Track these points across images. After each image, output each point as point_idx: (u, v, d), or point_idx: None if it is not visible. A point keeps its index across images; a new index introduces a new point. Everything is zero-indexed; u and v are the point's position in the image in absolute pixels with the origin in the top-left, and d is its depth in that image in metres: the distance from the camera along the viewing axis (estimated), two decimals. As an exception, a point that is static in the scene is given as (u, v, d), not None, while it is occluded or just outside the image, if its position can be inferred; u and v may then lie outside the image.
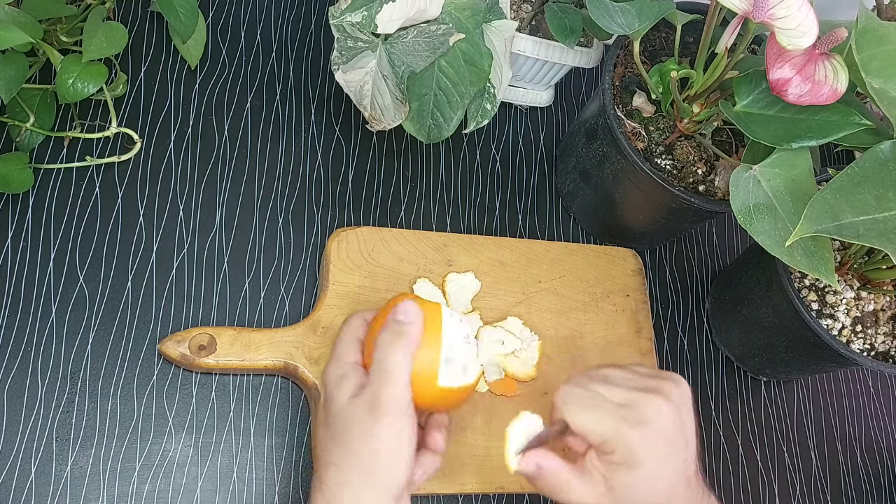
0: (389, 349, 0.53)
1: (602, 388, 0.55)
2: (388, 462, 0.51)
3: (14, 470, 0.57)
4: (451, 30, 0.63)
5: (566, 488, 0.54)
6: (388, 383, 0.52)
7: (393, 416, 0.51)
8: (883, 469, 0.79)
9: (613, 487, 0.53)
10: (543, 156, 0.81)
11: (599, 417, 0.53)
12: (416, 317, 0.54)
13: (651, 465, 0.53)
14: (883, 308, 0.68)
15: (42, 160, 0.66)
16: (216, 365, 0.61)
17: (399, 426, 0.52)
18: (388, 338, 0.53)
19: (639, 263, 0.77)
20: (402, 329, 0.54)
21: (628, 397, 0.54)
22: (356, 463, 0.51)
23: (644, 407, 0.54)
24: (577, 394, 0.55)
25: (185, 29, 0.69)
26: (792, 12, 0.51)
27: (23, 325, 0.61)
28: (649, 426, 0.53)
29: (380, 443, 0.51)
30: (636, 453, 0.52)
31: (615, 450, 0.53)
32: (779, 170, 0.57)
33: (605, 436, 0.53)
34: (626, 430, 0.52)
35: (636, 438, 0.52)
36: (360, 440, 0.52)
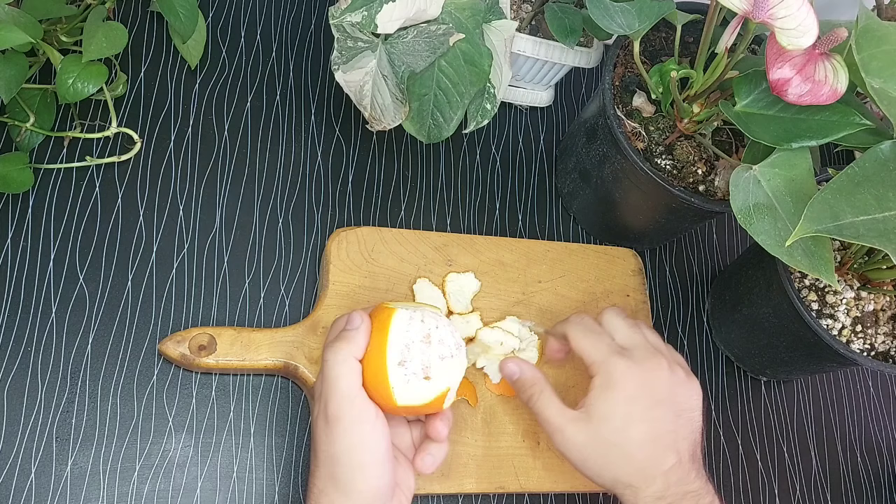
0: (330, 354, 0.53)
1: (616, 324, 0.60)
2: (350, 468, 0.52)
3: (14, 470, 0.57)
4: (451, 30, 0.63)
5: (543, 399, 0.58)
6: (334, 392, 0.52)
7: (346, 423, 0.52)
8: (883, 469, 0.79)
9: (589, 413, 0.56)
10: (543, 156, 0.81)
11: (595, 342, 0.58)
12: (361, 322, 0.54)
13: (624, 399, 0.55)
14: (883, 308, 0.68)
15: (42, 160, 0.66)
16: (216, 365, 0.61)
17: (357, 432, 0.52)
18: (329, 344, 0.54)
19: (639, 263, 0.77)
20: (344, 335, 0.54)
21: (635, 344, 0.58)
22: (325, 472, 0.52)
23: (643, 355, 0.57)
24: (588, 323, 0.60)
25: (185, 29, 0.69)
26: (792, 12, 0.51)
27: (23, 325, 0.61)
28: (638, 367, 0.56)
29: (338, 451, 0.52)
30: (614, 378, 0.56)
31: (598, 373, 0.56)
32: (779, 170, 0.57)
33: (594, 357, 0.57)
34: (614, 357, 0.57)
35: (618, 366, 0.56)
36: (325, 449, 0.52)
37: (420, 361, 0.54)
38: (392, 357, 0.53)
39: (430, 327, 0.55)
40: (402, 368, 0.53)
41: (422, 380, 0.54)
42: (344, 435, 0.52)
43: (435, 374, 0.54)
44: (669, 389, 0.57)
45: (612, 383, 0.56)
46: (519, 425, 0.66)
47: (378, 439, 0.52)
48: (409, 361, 0.54)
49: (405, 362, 0.54)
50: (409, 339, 0.54)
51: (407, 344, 0.54)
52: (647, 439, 0.55)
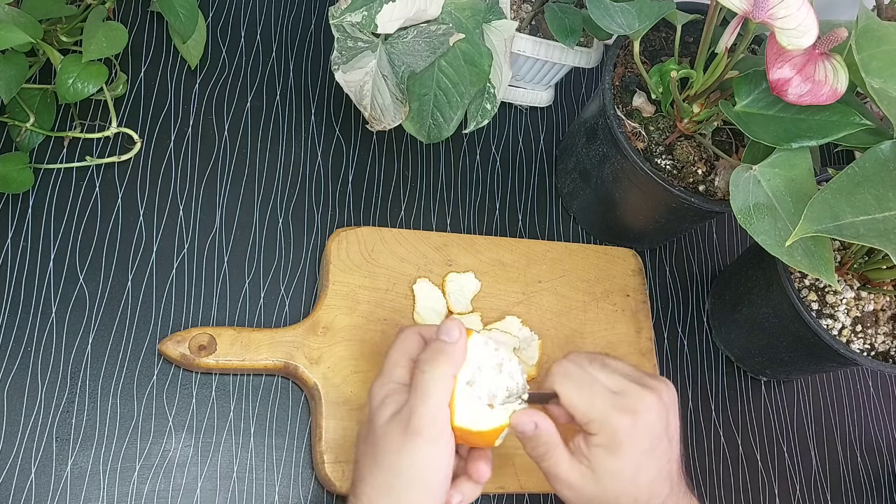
0: (428, 367, 0.51)
1: (599, 372, 0.56)
2: (410, 484, 0.50)
3: (14, 470, 0.57)
4: (451, 30, 0.63)
5: (555, 457, 0.55)
6: (424, 402, 0.50)
7: (425, 438, 0.50)
8: (883, 469, 0.79)
9: (595, 471, 0.54)
10: (543, 156, 0.81)
11: (591, 397, 0.54)
12: (460, 336, 0.53)
13: (633, 455, 0.53)
14: (883, 308, 0.68)
15: (42, 160, 0.66)
16: (216, 365, 0.61)
17: (431, 450, 0.50)
18: (428, 356, 0.52)
19: (639, 263, 0.77)
20: (443, 347, 0.52)
21: (622, 386, 0.55)
22: (383, 480, 0.51)
23: (636, 399, 0.54)
24: (574, 371, 0.55)
25: (185, 29, 0.69)
26: (792, 12, 0.51)
27: (23, 325, 0.61)
28: (637, 417, 0.54)
29: (408, 463, 0.50)
30: (620, 440, 0.53)
31: (599, 432, 0.53)
32: (779, 170, 0.57)
33: (592, 416, 0.54)
34: (614, 415, 0.53)
35: (622, 425, 0.53)
36: (390, 459, 0.50)
37: (488, 387, 0.52)
38: (462, 375, 0.52)
39: (503, 357, 0.54)
40: (470, 389, 0.52)
41: (484, 406, 0.52)
42: (419, 451, 0.50)
43: (499, 404, 0.53)
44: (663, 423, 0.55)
45: (617, 444, 0.53)
46: (519, 425, 0.66)
47: (447, 465, 0.51)
48: (478, 384, 0.52)
49: (474, 383, 0.52)
50: (482, 362, 0.53)
51: (479, 366, 0.53)
52: (647, 480, 0.54)
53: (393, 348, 0.56)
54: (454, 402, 0.51)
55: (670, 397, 0.56)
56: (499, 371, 0.53)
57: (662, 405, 0.55)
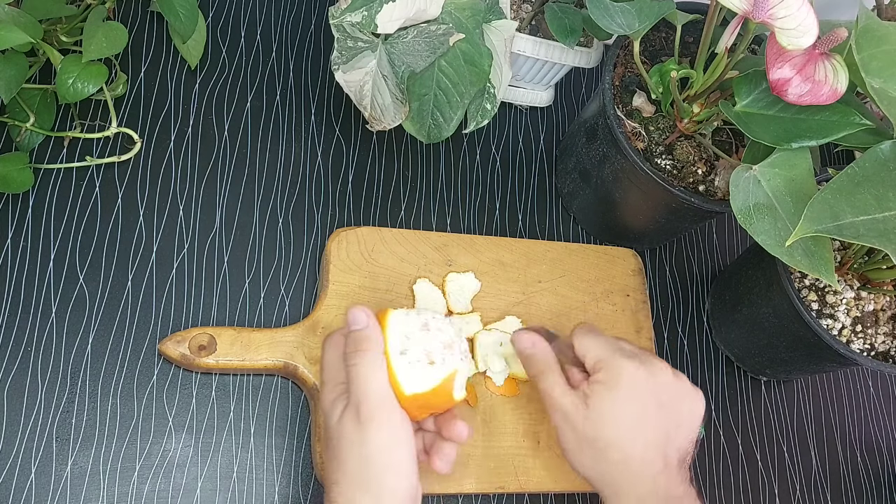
0: (354, 358, 0.53)
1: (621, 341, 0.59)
2: (382, 469, 0.51)
3: (14, 470, 0.57)
4: (451, 30, 0.63)
5: (551, 378, 0.58)
6: (364, 390, 0.52)
7: (378, 422, 0.51)
8: (883, 469, 0.79)
9: (589, 406, 0.56)
10: (543, 156, 0.81)
11: (602, 344, 0.58)
12: (368, 318, 0.54)
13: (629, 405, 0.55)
14: (883, 308, 0.68)
15: (42, 160, 0.66)
16: (216, 365, 0.61)
17: (388, 431, 0.51)
18: (350, 349, 0.54)
19: (639, 263, 0.77)
20: (357, 335, 0.54)
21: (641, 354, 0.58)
22: (352, 476, 0.51)
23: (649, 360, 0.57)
24: (596, 331, 0.60)
25: (185, 29, 0.69)
26: (792, 12, 0.51)
27: (23, 325, 0.61)
28: (646, 371, 0.56)
29: (370, 450, 0.51)
30: (621, 380, 0.55)
31: (603, 370, 0.56)
32: (779, 170, 0.57)
33: (600, 356, 0.57)
34: (619, 356, 0.56)
35: (625, 365, 0.56)
36: (351, 452, 0.51)
37: (422, 347, 0.54)
38: (393, 348, 0.54)
39: (426, 318, 0.56)
40: (405, 357, 0.54)
41: (426, 366, 0.54)
42: (377, 434, 0.51)
43: (438, 358, 0.54)
44: (673, 396, 0.57)
45: (617, 383, 0.55)
46: (519, 425, 0.66)
47: (409, 438, 0.52)
48: (411, 350, 0.54)
49: (407, 351, 0.54)
50: (408, 330, 0.55)
51: (406, 334, 0.54)
52: (642, 442, 0.55)
53: (324, 355, 0.57)
54: (395, 376, 0.53)
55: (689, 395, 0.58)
56: (427, 331, 0.55)
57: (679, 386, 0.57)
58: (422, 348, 0.54)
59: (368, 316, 0.54)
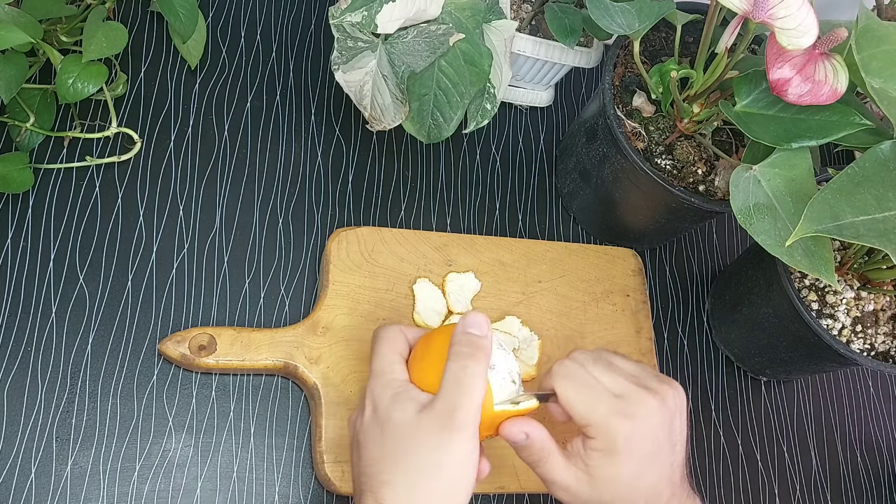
0: (467, 361, 0.50)
1: (602, 373, 0.55)
2: (453, 480, 0.49)
3: (14, 470, 0.57)
4: (451, 30, 0.63)
5: (549, 462, 0.54)
6: (469, 398, 0.49)
7: (468, 433, 0.49)
8: (883, 469, 0.79)
9: (592, 475, 0.53)
10: (543, 156, 0.81)
11: (590, 400, 0.53)
12: (489, 330, 0.52)
13: (631, 462, 0.52)
14: (883, 308, 0.68)
15: (42, 160, 0.66)
16: (216, 365, 0.61)
17: (472, 445, 0.49)
18: (466, 350, 0.51)
19: (639, 263, 0.77)
20: (478, 342, 0.51)
21: (624, 389, 0.54)
22: (422, 480, 0.49)
23: (638, 403, 0.53)
24: (575, 371, 0.54)
25: (185, 29, 0.69)
26: (792, 12, 0.51)
27: (23, 325, 0.61)
28: (638, 423, 0.52)
29: (449, 459, 0.48)
30: (618, 446, 0.52)
31: (598, 436, 0.52)
32: (779, 170, 0.57)
33: (591, 420, 0.52)
34: (613, 419, 0.52)
35: (621, 431, 0.52)
36: (429, 456, 0.49)
37: (505, 366, 0.53)
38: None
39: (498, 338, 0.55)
40: (494, 372, 0.52)
41: (510, 384, 0.53)
42: (463, 444, 0.49)
43: (518, 378, 0.53)
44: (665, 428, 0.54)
45: (615, 450, 0.52)
46: (519, 425, 0.66)
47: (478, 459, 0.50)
48: (497, 365, 0.52)
49: (494, 366, 0.52)
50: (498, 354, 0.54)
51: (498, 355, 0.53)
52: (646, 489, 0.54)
53: (382, 347, 0.54)
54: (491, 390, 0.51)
55: (676, 401, 0.55)
56: (502, 349, 0.54)
57: (666, 409, 0.54)
58: (505, 366, 0.53)
59: (489, 326, 0.52)
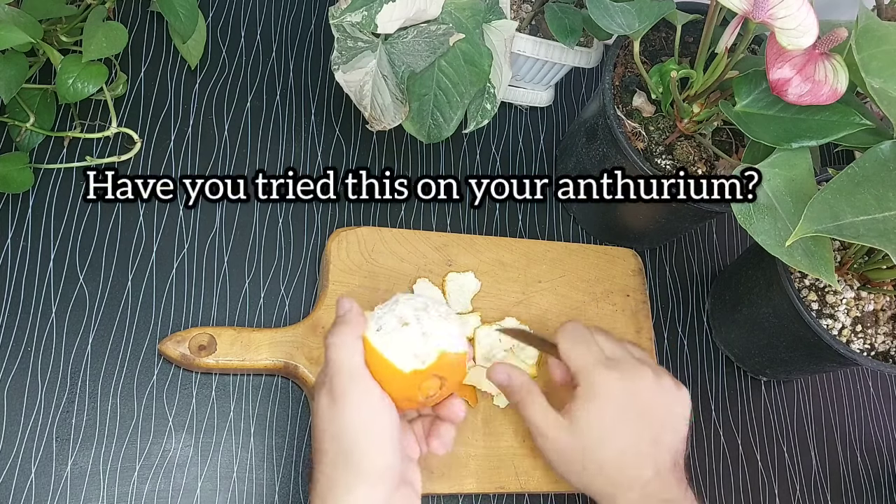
0: (329, 338, 0.52)
1: (604, 341, 0.59)
2: (359, 444, 0.50)
3: (14, 470, 0.57)
4: (451, 30, 0.63)
5: (533, 403, 0.58)
6: (339, 370, 0.51)
7: (352, 398, 0.50)
8: (883, 469, 0.79)
9: (571, 420, 0.56)
10: (543, 156, 0.81)
11: (585, 352, 0.57)
12: (350, 303, 0.54)
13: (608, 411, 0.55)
14: (883, 308, 0.68)
15: (42, 160, 0.66)
16: (216, 365, 0.61)
17: (365, 406, 0.51)
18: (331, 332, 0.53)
19: (639, 263, 0.77)
20: (339, 320, 0.53)
21: (622, 357, 0.58)
22: (331, 457, 0.51)
23: (628, 364, 0.57)
24: (578, 329, 0.60)
25: (185, 29, 0.69)
26: (792, 12, 0.51)
27: (23, 325, 0.61)
28: (622, 375, 0.56)
29: (345, 426, 0.50)
30: (597, 390, 0.55)
31: (582, 382, 0.56)
32: (779, 170, 0.57)
33: (580, 365, 0.57)
34: (599, 367, 0.56)
35: (603, 375, 0.56)
36: (326, 430, 0.51)
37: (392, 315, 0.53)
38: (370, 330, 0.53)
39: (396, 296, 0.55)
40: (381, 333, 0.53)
41: (401, 329, 0.52)
42: (351, 409, 0.50)
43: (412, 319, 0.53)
44: (654, 400, 0.57)
45: (595, 394, 0.55)
46: (519, 425, 0.66)
47: (386, 416, 0.51)
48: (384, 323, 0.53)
49: (381, 327, 0.53)
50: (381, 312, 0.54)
51: (378, 315, 0.54)
52: (626, 451, 0.55)
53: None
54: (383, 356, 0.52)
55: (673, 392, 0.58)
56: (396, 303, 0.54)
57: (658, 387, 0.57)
58: (392, 316, 0.53)
59: (351, 303, 0.54)
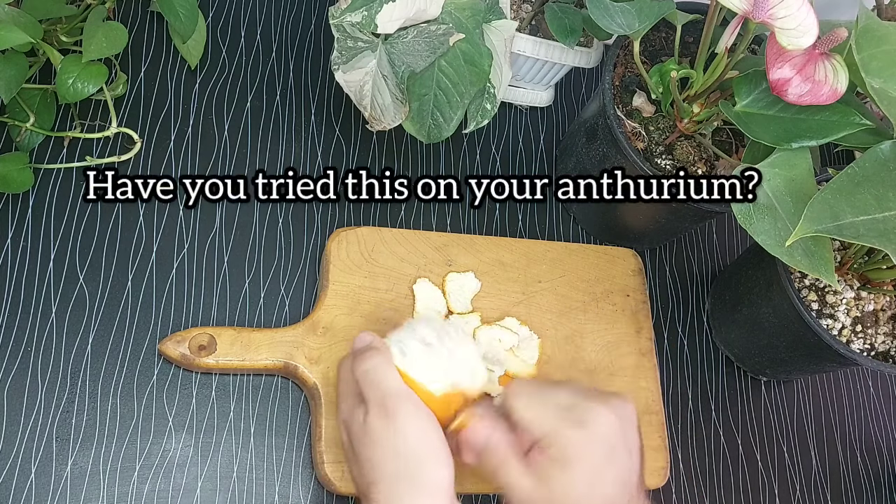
0: (363, 365, 0.54)
1: (551, 390, 0.58)
2: (422, 458, 0.51)
3: (14, 470, 0.57)
4: (451, 30, 0.63)
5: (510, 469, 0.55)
6: (385, 387, 0.53)
7: (405, 412, 0.52)
8: (883, 469, 0.79)
9: (549, 486, 0.54)
10: (543, 156, 0.81)
11: (542, 412, 0.55)
12: (372, 335, 0.56)
13: (585, 469, 0.54)
14: (883, 308, 0.68)
15: (42, 160, 0.66)
16: (216, 365, 0.61)
17: (418, 420, 0.52)
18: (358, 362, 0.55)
19: (639, 263, 0.77)
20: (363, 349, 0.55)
21: (573, 401, 0.56)
22: (392, 472, 0.51)
23: (585, 411, 0.55)
24: (526, 388, 0.58)
25: (185, 29, 0.69)
26: (792, 12, 0.51)
27: (23, 325, 0.61)
28: (588, 429, 0.54)
29: (406, 442, 0.51)
30: (570, 452, 0.54)
31: (552, 445, 0.54)
32: (779, 170, 0.57)
33: (544, 429, 0.55)
34: (564, 427, 0.54)
35: (572, 438, 0.54)
36: (386, 449, 0.52)
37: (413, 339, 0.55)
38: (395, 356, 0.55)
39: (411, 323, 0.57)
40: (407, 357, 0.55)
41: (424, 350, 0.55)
42: (408, 424, 0.51)
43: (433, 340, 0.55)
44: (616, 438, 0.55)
45: (568, 459, 0.54)
46: (519, 425, 0.66)
47: (438, 431, 0.53)
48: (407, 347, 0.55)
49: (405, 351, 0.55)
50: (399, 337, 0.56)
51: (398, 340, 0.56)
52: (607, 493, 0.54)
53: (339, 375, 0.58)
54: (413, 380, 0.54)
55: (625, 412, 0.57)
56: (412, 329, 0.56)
57: (615, 417, 0.55)
58: (413, 339, 0.55)
59: (372, 335, 0.56)
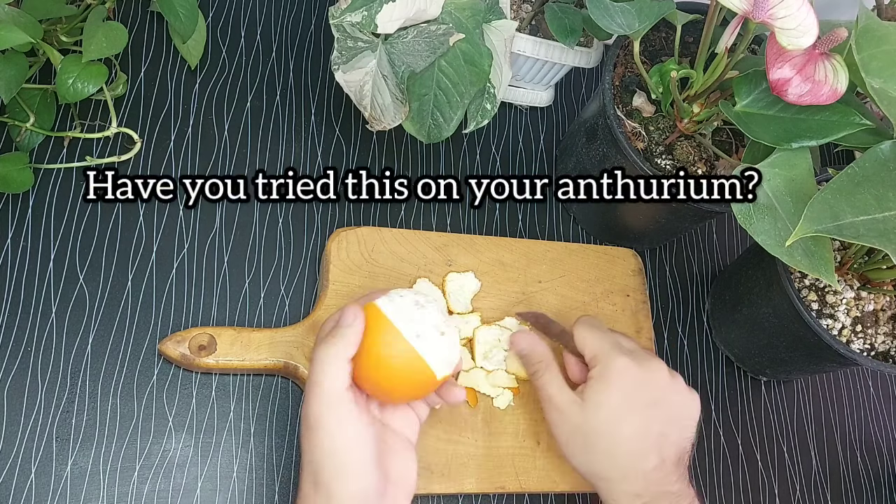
0: (319, 355, 0.52)
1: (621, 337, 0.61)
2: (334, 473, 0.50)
3: (14, 470, 0.57)
4: (451, 30, 0.63)
5: (549, 375, 0.60)
6: (317, 394, 0.51)
7: (327, 429, 0.51)
8: (883, 469, 0.79)
9: (584, 399, 0.58)
10: (543, 156, 0.81)
11: (600, 338, 0.60)
12: (355, 319, 0.53)
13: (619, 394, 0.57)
14: (883, 308, 0.68)
15: (42, 160, 0.66)
16: (216, 365, 0.61)
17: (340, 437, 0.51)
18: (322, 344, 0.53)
19: (639, 263, 0.77)
20: (337, 332, 0.53)
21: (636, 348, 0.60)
22: (308, 477, 0.52)
23: (644, 356, 0.59)
24: (596, 323, 0.62)
25: (185, 29, 0.69)
26: (792, 12, 0.51)
27: (23, 325, 0.61)
28: (638, 365, 0.58)
29: (320, 457, 0.51)
30: (612, 374, 0.57)
31: (597, 364, 0.58)
32: (779, 170, 0.57)
33: (595, 350, 0.59)
34: (614, 352, 0.58)
35: (619, 362, 0.57)
36: (306, 456, 0.52)
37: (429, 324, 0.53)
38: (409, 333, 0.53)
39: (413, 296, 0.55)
40: (423, 340, 0.53)
41: (440, 338, 0.53)
42: (325, 439, 0.50)
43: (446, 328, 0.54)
44: (666, 394, 0.58)
45: (609, 375, 0.57)
46: (519, 425, 0.66)
47: (363, 443, 0.51)
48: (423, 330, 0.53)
49: (420, 333, 0.53)
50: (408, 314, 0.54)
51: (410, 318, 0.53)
52: (634, 436, 0.56)
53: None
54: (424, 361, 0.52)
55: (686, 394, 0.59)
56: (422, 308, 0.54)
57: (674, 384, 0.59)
58: (429, 324, 0.53)
59: (356, 316, 0.53)
